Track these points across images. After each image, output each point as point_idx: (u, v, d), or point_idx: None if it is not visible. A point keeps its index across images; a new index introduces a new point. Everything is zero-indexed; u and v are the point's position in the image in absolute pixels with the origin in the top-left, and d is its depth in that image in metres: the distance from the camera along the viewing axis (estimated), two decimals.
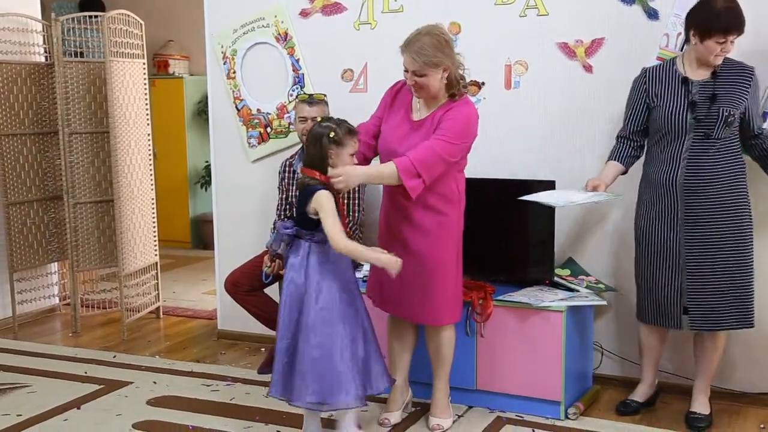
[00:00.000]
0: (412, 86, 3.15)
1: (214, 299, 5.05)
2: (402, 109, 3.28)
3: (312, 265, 3.04)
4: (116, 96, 4.80)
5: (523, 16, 3.86)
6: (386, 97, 3.36)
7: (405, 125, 3.23)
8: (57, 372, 4.16)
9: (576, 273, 3.72)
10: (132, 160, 4.98)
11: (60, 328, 5.14)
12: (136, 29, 5.02)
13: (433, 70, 3.09)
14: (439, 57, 3.08)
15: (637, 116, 3.41)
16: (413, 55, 3.08)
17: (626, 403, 3.54)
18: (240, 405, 3.68)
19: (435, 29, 3.17)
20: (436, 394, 3.39)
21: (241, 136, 4.61)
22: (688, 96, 3.26)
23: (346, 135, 3.04)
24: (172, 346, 4.67)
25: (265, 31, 4.46)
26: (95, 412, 3.62)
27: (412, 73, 3.11)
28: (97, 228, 5.03)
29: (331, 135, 3.01)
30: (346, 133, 3.05)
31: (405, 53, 3.12)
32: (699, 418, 3.37)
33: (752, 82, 3.26)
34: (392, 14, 4.15)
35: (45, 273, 5.37)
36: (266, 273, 4.06)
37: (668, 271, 3.34)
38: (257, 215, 4.59)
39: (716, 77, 3.25)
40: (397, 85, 3.35)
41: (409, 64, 3.11)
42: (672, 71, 3.34)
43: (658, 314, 3.40)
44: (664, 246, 3.33)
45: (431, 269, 3.20)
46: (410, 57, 3.09)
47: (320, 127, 3.06)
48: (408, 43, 3.12)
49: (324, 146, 3.01)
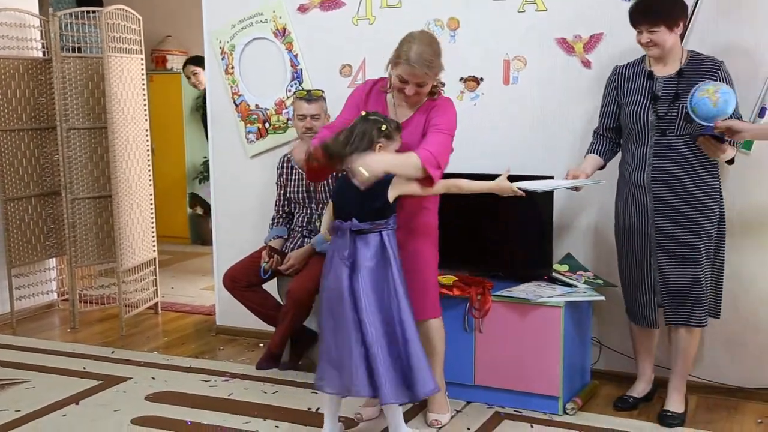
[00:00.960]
0: (410, 96, 3.12)
1: (212, 295, 5.04)
2: (378, 106, 3.23)
3: (393, 255, 3.01)
4: (114, 91, 4.79)
5: (522, 11, 3.86)
6: (357, 98, 3.29)
7: None
8: (55, 367, 4.16)
9: (574, 268, 3.72)
10: (130, 155, 4.98)
11: (58, 324, 5.14)
12: (133, 24, 5.01)
13: (434, 77, 3.10)
14: (439, 63, 3.09)
15: (609, 114, 3.45)
16: (423, 70, 3.04)
17: (623, 399, 3.55)
18: (238, 400, 3.68)
19: (427, 35, 3.18)
20: None
21: (239, 131, 4.61)
22: (651, 92, 3.27)
23: (395, 130, 3.03)
24: (170, 342, 4.67)
25: (264, 27, 4.46)
26: (94, 407, 3.63)
27: (414, 84, 3.09)
28: (95, 224, 5.02)
29: (382, 128, 2.99)
30: (395, 128, 3.04)
31: (407, 66, 3.05)
32: (672, 416, 3.38)
33: (718, 77, 3.21)
34: (391, 9, 4.14)
35: (43, 269, 5.36)
36: (264, 269, 4.07)
37: (642, 268, 3.37)
38: (256, 211, 4.58)
39: (681, 74, 3.24)
40: (367, 86, 3.31)
41: (413, 77, 3.06)
42: (640, 68, 3.36)
43: (636, 313, 3.45)
44: (637, 243, 3.37)
45: (419, 265, 3.21)
46: (419, 71, 3.04)
47: (367, 121, 3.01)
48: (411, 57, 3.03)
49: (374, 139, 2.98)
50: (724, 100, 3.03)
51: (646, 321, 3.43)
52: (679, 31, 3.22)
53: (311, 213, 4.16)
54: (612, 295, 3.66)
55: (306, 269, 3.98)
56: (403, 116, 3.20)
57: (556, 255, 3.78)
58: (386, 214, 3.03)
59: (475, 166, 3.63)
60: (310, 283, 3.89)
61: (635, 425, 3.37)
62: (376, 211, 3.01)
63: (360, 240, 3.01)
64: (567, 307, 3.42)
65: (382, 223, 3.02)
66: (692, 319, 3.33)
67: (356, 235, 3.01)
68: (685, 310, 3.32)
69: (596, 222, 3.81)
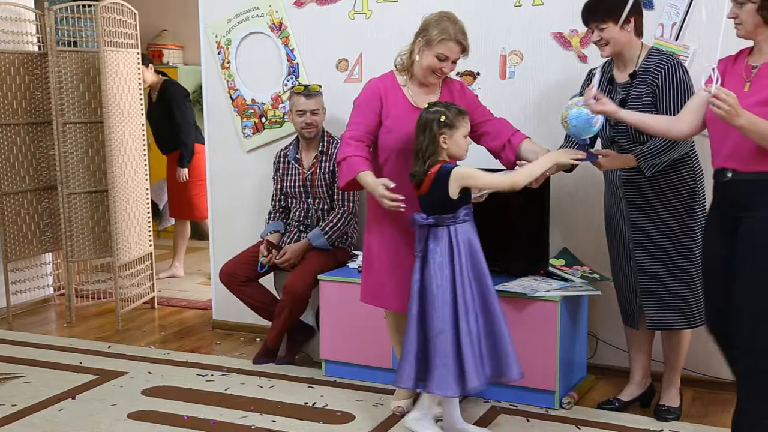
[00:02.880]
0: (444, 74, 3.20)
1: (209, 289, 5.05)
2: (397, 100, 3.25)
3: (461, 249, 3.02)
4: (110, 86, 4.78)
5: (519, 6, 3.86)
6: (371, 99, 3.27)
7: (412, 113, 3.17)
8: (52, 362, 4.16)
9: (570, 263, 3.72)
10: (126, 150, 4.97)
11: (55, 319, 5.13)
12: (129, 19, 5.00)
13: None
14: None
15: None
16: (467, 42, 3.16)
17: (609, 401, 3.51)
18: (235, 395, 3.68)
19: (451, 12, 3.23)
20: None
21: (235, 126, 4.60)
22: (611, 97, 3.15)
23: (456, 116, 3.03)
24: (167, 337, 4.67)
25: (260, 21, 4.45)
26: (90, 402, 3.62)
27: (452, 62, 3.17)
28: (91, 218, 5.02)
29: (442, 119, 3.00)
30: (457, 114, 3.03)
31: (454, 41, 3.13)
32: (667, 410, 3.38)
33: (661, 75, 3.09)
34: (387, 4, 4.13)
35: (39, 263, 5.36)
36: (262, 263, 4.07)
37: (624, 270, 3.37)
38: (252, 206, 4.58)
39: (634, 77, 3.16)
40: (377, 84, 3.29)
41: (455, 52, 3.15)
42: (607, 72, 3.31)
43: (623, 312, 3.46)
44: (618, 244, 3.37)
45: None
46: (463, 44, 3.15)
47: (428, 113, 3.03)
48: (456, 33, 3.12)
49: (435, 132, 2.99)
50: (574, 125, 2.99)
51: (629, 321, 3.44)
52: (630, 28, 3.13)
53: (308, 208, 4.16)
54: (608, 290, 3.66)
55: (302, 264, 3.98)
56: (424, 103, 3.18)
57: (553, 250, 3.78)
58: (450, 209, 3.02)
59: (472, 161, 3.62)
60: (306, 277, 3.90)
61: (631, 419, 3.38)
62: (439, 206, 3.02)
63: (431, 234, 3.05)
64: (563, 301, 3.42)
65: (449, 218, 3.02)
66: (673, 323, 3.28)
67: (427, 229, 3.04)
68: (664, 314, 3.27)
69: (592, 217, 3.81)
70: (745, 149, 2.66)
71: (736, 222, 2.73)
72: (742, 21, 2.68)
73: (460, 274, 3.00)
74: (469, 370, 2.96)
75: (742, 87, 2.70)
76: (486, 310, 3.04)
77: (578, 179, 3.66)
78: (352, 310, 3.75)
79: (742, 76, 2.73)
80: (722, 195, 2.79)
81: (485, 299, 3.04)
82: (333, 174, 4.08)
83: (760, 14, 2.63)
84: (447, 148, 3.03)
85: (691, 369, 3.58)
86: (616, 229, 3.36)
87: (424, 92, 3.25)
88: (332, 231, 4.01)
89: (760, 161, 2.64)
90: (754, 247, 2.68)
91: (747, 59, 2.76)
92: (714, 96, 2.54)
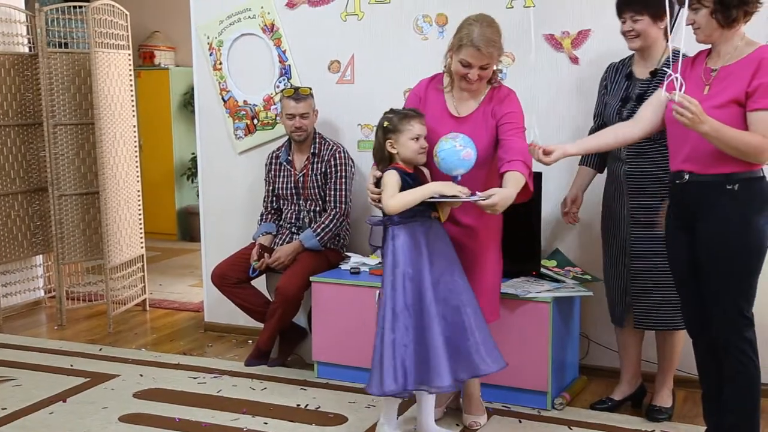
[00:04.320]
0: (472, 81, 3.05)
1: (200, 291, 5.03)
2: (436, 104, 3.19)
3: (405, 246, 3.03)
4: (101, 87, 4.76)
5: (510, 7, 3.86)
6: (416, 94, 3.24)
7: (447, 121, 3.14)
8: (42, 365, 4.14)
9: (562, 264, 3.73)
10: (117, 151, 4.95)
11: (45, 321, 5.11)
12: (121, 20, 4.98)
13: (498, 58, 3.07)
14: (501, 45, 3.05)
15: (600, 111, 3.45)
16: (489, 50, 2.98)
17: (602, 401, 3.53)
18: (227, 397, 3.67)
19: (487, 16, 3.09)
20: (470, 390, 3.34)
21: (227, 127, 4.59)
22: (626, 93, 3.24)
23: (401, 120, 3.03)
24: (158, 339, 4.65)
25: (252, 22, 4.44)
26: (81, 405, 3.61)
27: (478, 68, 3.02)
28: (82, 220, 5.00)
29: (385, 125, 3.04)
30: (402, 118, 3.04)
31: (473, 49, 2.99)
32: (659, 411, 3.40)
33: None
34: (379, 5, 4.13)
35: (30, 266, 5.33)
36: (254, 267, 4.06)
37: (617, 267, 3.38)
38: (244, 207, 4.57)
39: (655, 75, 3.19)
40: (421, 86, 3.25)
41: (478, 59, 3.00)
42: (627, 65, 3.35)
43: (611, 312, 3.48)
44: (615, 241, 3.38)
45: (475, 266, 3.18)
46: (485, 52, 2.98)
47: (380, 119, 3.10)
48: (476, 39, 2.98)
49: (380, 138, 3.06)
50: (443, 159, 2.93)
51: (617, 320, 3.45)
52: (662, 24, 3.18)
53: (299, 209, 4.15)
54: (600, 291, 3.67)
55: (295, 266, 3.97)
56: (465, 110, 3.14)
57: (544, 251, 3.79)
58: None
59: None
60: (298, 279, 3.89)
61: (623, 419, 3.38)
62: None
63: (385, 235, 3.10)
64: (555, 302, 3.43)
65: (386, 219, 3.06)
66: (661, 323, 3.31)
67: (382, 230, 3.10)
68: (653, 313, 3.29)
69: (584, 218, 3.82)
70: (702, 152, 2.68)
71: (693, 223, 2.76)
72: (700, 26, 2.70)
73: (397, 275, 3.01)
74: (385, 371, 2.96)
75: (701, 90, 2.72)
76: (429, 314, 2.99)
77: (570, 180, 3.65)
78: (344, 312, 3.75)
79: (701, 78, 2.75)
80: (680, 197, 2.81)
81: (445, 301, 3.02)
82: (325, 176, 4.07)
83: (714, 18, 2.65)
84: (397, 153, 3.05)
85: (683, 370, 3.58)
86: (615, 225, 3.37)
87: (466, 98, 3.15)
88: (324, 232, 4.00)
89: (717, 164, 2.67)
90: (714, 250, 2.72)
91: (706, 61, 2.77)
92: (677, 103, 2.56)
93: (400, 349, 2.97)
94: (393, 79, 4.12)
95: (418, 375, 2.98)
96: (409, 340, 2.98)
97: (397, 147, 3.04)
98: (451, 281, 3.04)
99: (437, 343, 2.96)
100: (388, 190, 2.98)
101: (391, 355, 2.96)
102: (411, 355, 2.97)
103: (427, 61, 4.03)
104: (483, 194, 2.84)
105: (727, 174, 2.66)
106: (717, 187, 2.69)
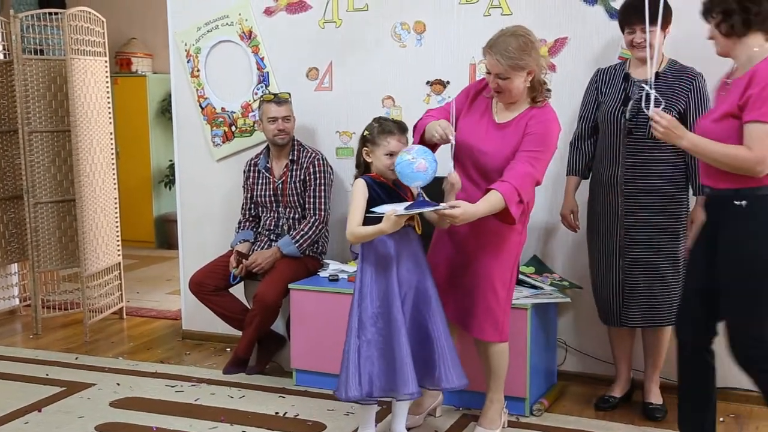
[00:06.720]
0: (494, 89, 3.05)
1: (178, 299, 5.00)
2: (482, 106, 3.18)
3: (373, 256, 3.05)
4: (77, 94, 4.73)
5: (487, 15, 3.89)
6: (468, 91, 3.24)
7: (487, 125, 3.13)
8: (17, 374, 4.09)
9: (540, 270, 3.75)
10: (94, 159, 4.91)
11: (21, 330, 5.05)
12: (97, 27, 4.95)
13: (517, 73, 2.97)
14: (525, 59, 2.96)
15: (588, 113, 3.50)
16: (497, 57, 2.96)
17: (605, 399, 3.57)
18: (205, 406, 3.65)
19: (520, 30, 3.04)
20: (486, 403, 3.32)
21: (205, 134, 4.57)
22: (625, 93, 3.32)
23: (380, 134, 3.03)
24: (135, 347, 4.62)
25: (230, 29, 4.43)
26: (57, 414, 3.57)
27: (495, 76, 3.00)
28: (58, 228, 4.96)
29: (364, 134, 3.05)
30: (381, 132, 3.03)
31: (488, 55, 2.99)
32: (657, 408, 3.45)
33: (693, 86, 3.26)
34: (357, 12, 4.14)
35: (5, 274, 5.28)
36: (234, 275, 4.05)
37: (609, 267, 3.42)
38: (222, 215, 4.56)
39: (657, 77, 3.22)
40: (480, 84, 3.24)
41: (492, 66, 2.99)
42: (620, 70, 3.43)
43: (603, 312, 3.51)
44: (606, 243, 3.42)
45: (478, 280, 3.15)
46: (494, 59, 2.97)
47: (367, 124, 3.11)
48: (492, 45, 2.99)
49: (359, 146, 3.08)
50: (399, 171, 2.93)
51: (611, 320, 3.48)
52: (668, 33, 3.27)
53: (278, 216, 4.14)
54: (578, 297, 3.69)
55: (273, 273, 3.96)
56: (502, 119, 3.13)
57: (523, 257, 3.80)
58: None
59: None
60: (277, 286, 3.88)
61: (601, 425, 3.40)
62: None
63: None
64: (533, 308, 3.44)
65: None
66: (655, 320, 3.38)
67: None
68: (647, 311, 3.37)
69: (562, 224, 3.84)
70: (713, 167, 2.67)
71: (715, 237, 2.73)
72: (714, 38, 2.71)
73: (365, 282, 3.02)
74: (350, 377, 2.99)
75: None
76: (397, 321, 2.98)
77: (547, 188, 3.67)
78: (322, 319, 3.74)
79: (721, 93, 2.75)
80: (706, 210, 2.82)
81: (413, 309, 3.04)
82: (304, 182, 4.07)
83: (718, 29, 2.65)
84: (372, 163, 3.06)
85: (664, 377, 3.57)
86: (606, 227, 3.40)
87: (508, 108, 3.12)
88: (303, 239, 4.00)
89: (724, 179, 2.64)
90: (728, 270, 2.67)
91: (728, 75, 2.76)
92: (650, 118, 2.57)
93: (365, 357, 2.99)
94: (371, 87, 4.13)
95: (386, 383, 2.99)
96: (375, 348, 2.99)
97: (372, 157, 3.06)
98: (422, 290, 3.06)
99: (404, 351, 2.97)
100: (353, 211, 3.00)
101: (356, 361, 2.99)
102: (377, 363, 2.99)
103: (406, 68, 4.06)
104: (449, 203, 2.88)
105: (735, 189, 2.62)
106: (727, 203, 2.65)
